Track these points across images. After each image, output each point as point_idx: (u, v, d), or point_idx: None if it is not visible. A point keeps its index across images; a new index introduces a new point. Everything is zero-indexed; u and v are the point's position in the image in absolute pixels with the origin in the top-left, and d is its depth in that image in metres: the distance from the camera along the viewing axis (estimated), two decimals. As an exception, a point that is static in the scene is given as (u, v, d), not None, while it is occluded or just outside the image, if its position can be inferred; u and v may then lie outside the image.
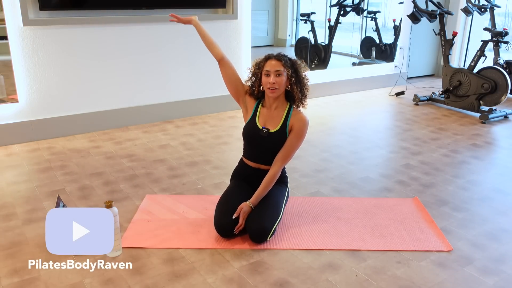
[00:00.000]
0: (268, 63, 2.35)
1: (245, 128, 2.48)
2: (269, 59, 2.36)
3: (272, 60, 2.35)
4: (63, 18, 3.70)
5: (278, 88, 2.34)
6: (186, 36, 4.33)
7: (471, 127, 4.42)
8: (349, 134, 4.12)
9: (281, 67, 2.32)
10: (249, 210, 2.33)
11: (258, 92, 2.46)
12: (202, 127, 4.24)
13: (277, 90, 2.34)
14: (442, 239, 2.36)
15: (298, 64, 2.41)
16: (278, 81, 2.32)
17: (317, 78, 5.54)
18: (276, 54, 2.38)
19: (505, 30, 4.88)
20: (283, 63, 2.33)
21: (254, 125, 2.44)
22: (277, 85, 2.33)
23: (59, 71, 3.80)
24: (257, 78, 2.43)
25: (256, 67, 2.41)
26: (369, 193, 2.93)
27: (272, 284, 1.99)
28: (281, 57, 2.36)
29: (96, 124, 4.06)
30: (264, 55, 2.42)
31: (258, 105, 2.48)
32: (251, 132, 2.45)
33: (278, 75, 2.32)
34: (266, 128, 2.41)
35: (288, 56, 2.41)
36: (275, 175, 2.41)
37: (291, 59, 2.40)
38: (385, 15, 6.44)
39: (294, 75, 2.37)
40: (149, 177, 3.11)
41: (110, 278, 2.02)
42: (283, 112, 2.43)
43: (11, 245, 2.26)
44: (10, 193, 2.84)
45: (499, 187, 3.06)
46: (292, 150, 2.43)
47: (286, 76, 2.35)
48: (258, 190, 2.38)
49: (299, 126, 2.40)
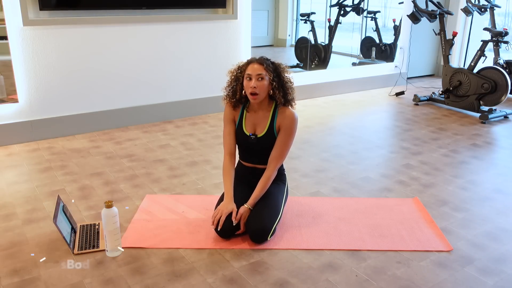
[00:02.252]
0: (250, 67, 2.31)
1: (236, 134, 2.47)
2: (251, 63, 2.33)
3: (254, 64, 2.31)
4: (63, 18, 3.70)
5: (259, 93, 2.30)
6: (186, 36, 4.34)
7: (471, 127, 4.42)
8: (349, 134, 4.12)
9: (263, 71, 2.29)
10: (248, 212, 2.33)
11: (240, 97, 2.42)
12: (202, 127, 4.24)
13: (258, 96, 2.31)
14: (442, 239, 2.36)
15: (281, 67, 2.37)
16: (259, 85, 2.29)
17: (317, 78, 5.55)
18: (258, 58, 2.34)
19: (505, 30, 4.88)
20: (265, 67, 2.29)
21: (242, 132, 2.44)
22: (258, 89, 2.29)
23: (59, 71, 3.80)
24: (238, 82, 2.39)
25: (238, 70, 2.38)
26: (369, 193, 2.93)
27: (272, 284, 1.99)
28: (263, 61, 2.32)
29: (96, 124, 4.06)
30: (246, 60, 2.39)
31: (243, 111, 2.46)
32: (241, 139, 2.45)
33: (260, 79, 2.29)
34: (253, 134, 2.41)
35: (271, 60, 2.38)
36: (271, 177, 2.40)
37: (273, 63, 2.37)
38: (385, 15, 6.44)
39: (276, 79, 2.33)
40: (149, 177, 3.11)
41: (110, 278, 2.02)
42: (268, 113, 2.41)
43: (11, 245, 2.26)
44: (10, 193, 2.84)
45: (499, 187, 3.06)
46: (284, 149, 2.41)
47: (268, 80, 2.31)
48: (254, 192, 2.37)
49: (286, 123, 2.38)
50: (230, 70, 2.44)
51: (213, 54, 4.56)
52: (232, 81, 2.42)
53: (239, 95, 2.42)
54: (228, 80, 2.44)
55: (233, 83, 2.41)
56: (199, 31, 4.40)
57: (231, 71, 2.43)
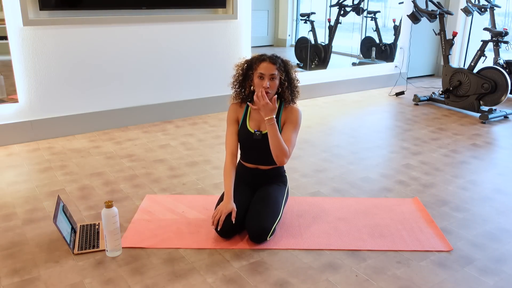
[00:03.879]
0: (262, 66, 2.28)
1: (239, 134, 2.46)
2: (264, 61, 2.29)
3: (267, 63, 2.28)
4: (63, 18, 3.70)
5: (271, 92, 2.30)
6: (186, 36, 4.34)
7: (471, 127, 4.42)
8: (349, 134, 4.12)
9: (275, 71, 2.27)
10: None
11: (250, 92, 2.40)
12: (202, 127, 4.24)
13: (269, 95, 2.29)
14: (442, 239, 2.36)
15: (289, 66, 2.37)
16: (272, 85, 2.28)
17: (317, 78, 5.56)
18: (270, 56, 2.31)
19: (505, 30, 4.88)
20: (277, 67, 2.28)
21: (246, 130, 2.43)
22: (271, 89, 2.28)
23: (59, 71, 3.80)
24: (248, 79, 2.37)
25: (248, 68, 2.35)
26: (369, 193, 2.93)
27: (272, 284, 1.99)
28: (276, 60, 2.30)
29: (96, 124, 4.07)
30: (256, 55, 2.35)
31: (247, 109, 2.45)
32: (244, 137, 2.43)
33: (272, 79, 2.27)
34: (258, 131, 2.40)
35: (281, 58, 2.36)
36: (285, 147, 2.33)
37: (283, 61, 2.35)
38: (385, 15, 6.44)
39: (287, 78, 2.33)
40: (149, 177, 3.11)
41: (110, 278, 2.02)
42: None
43: (11, 245, 2.26)
44: (10, 193, 2.84)
45: (499, 187, 3.06)
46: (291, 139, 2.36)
47: (279, 79, 2.31)
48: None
49: (292, 118, 2.39)
50: (237, 64, 2.41)
51: (213, 54, 4.56)
52: (239, 76, 2.39)
53: (248, 91, 2.40)
54: (235, 74, 2.41)
55: (240, 77, 2.39)
56: (199, 31, 4.40)
57: (238, 65, 2.40)
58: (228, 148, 2.43)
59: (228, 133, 2.46)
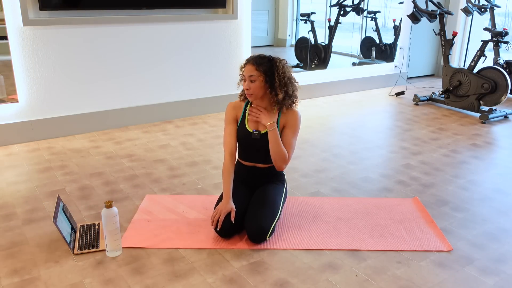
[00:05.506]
0: (245, 67, 2.31)
1: (237, 133, 2.47)
2: (248, 62, 2.31)
3: (248, 65, 2.29)
4: (63, 18, 3.70)
5: (253, 94, 2.30)
6: (186, 36, 4.34)
7: (471, 127, 4.42)
8: (349, 134, 4.12)
9: (254, 72, 2.27)
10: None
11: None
12: (202, 127, 4.24)
13: (252, 96, 2.30)
14: (442, 239, 2.36)
15: (279, 66, 2.31)
16: (252, 86, 2.28)
17: (317, 78, 5.56)
18: (254, 57, 2.31)
19: (505, 30, 4.88)
20: (256, 68, 2.27)
21: (244, 129, 2.43)
22: (252, 90, 2.29)
23: (59, 71, 3.80)
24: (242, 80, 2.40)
25: (240, 70, 2.38)
26: (369, 193, 2.93)
27: (272, 284, 1.99)
28: (256, 61, 2.28)
29: (96, 124, 4.07)
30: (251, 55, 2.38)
31: (246, 109, 2.46)
32: (243, 136, 2.44)
33: (252, 81, 2.28)
34: (257, 130, 2.41)
35: (269, 58, 2.32)
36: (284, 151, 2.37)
37: (270, 61, 2.31)
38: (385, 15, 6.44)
39: (269, 79, 2.29)
40: (149, 177, 3.11)
41: (110, 278, 2.02)
42: (272, 110, 2.40)
43: (11, 245, 2.26)
44: (10, 193, 2.84)
45: (499, 187, 3.06)
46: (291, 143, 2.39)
47: (261, 81, 2.29)
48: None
49: (291, 122, 2.39)
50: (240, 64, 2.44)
51: (213, 54, 4.56)
52: (240, 76, 2.42)
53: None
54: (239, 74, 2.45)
55: (240, 78, 2.42)
56: (199, 31, 4.40)
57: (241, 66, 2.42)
58: (226, 148, 2.43)
59: (227, 133, 2.46)
